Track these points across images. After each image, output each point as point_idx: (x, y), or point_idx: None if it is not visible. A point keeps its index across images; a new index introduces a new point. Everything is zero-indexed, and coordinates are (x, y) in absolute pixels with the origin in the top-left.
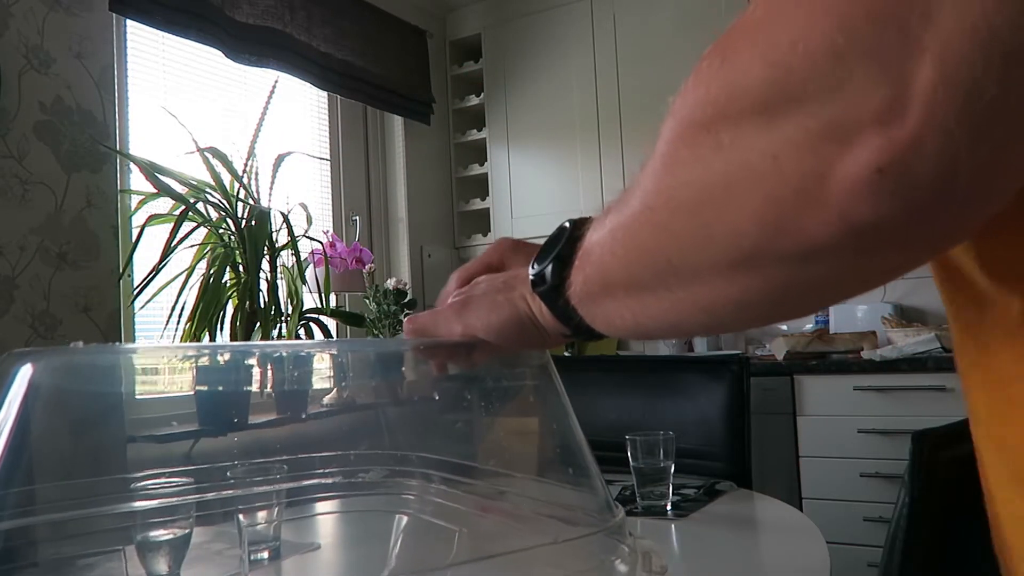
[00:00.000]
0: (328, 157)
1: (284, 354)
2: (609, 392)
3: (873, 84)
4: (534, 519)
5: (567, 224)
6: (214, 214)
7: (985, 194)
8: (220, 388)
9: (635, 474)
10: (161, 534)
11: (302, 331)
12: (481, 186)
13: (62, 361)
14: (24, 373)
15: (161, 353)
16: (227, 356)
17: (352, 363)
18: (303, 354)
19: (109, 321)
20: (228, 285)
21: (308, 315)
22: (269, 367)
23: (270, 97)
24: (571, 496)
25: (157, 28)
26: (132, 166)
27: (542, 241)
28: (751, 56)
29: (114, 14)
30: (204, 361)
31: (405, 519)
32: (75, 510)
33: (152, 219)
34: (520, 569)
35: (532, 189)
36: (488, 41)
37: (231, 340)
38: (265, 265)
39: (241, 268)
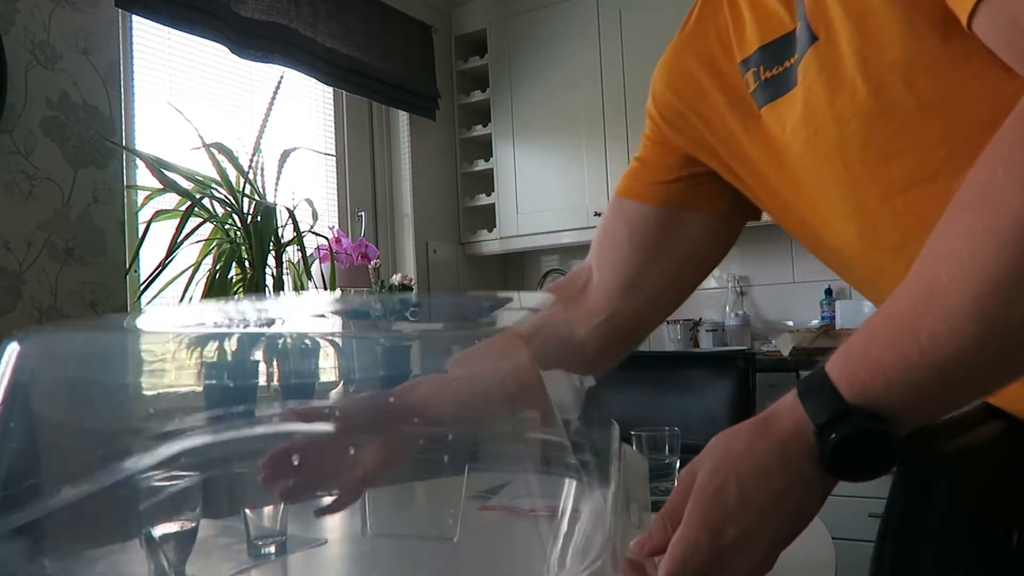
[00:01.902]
0: (334, 153)
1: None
2: (615, 387)
3: None
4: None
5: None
6: (220, 210)
7: None
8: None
9: None
10: (167, 528)
11: None
12: (486, 182)
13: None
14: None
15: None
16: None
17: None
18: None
19: None
20: (234, 280)
21: None
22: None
23: (275, 93)
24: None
25: (163, 24)
26: (138, 162)
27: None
28: None
29: (120, 10)
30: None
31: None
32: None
33: (158, 215)
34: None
35: (537, 185)
36: (493, 36)
37: None
38: (271, 260)
39: (247, 263)
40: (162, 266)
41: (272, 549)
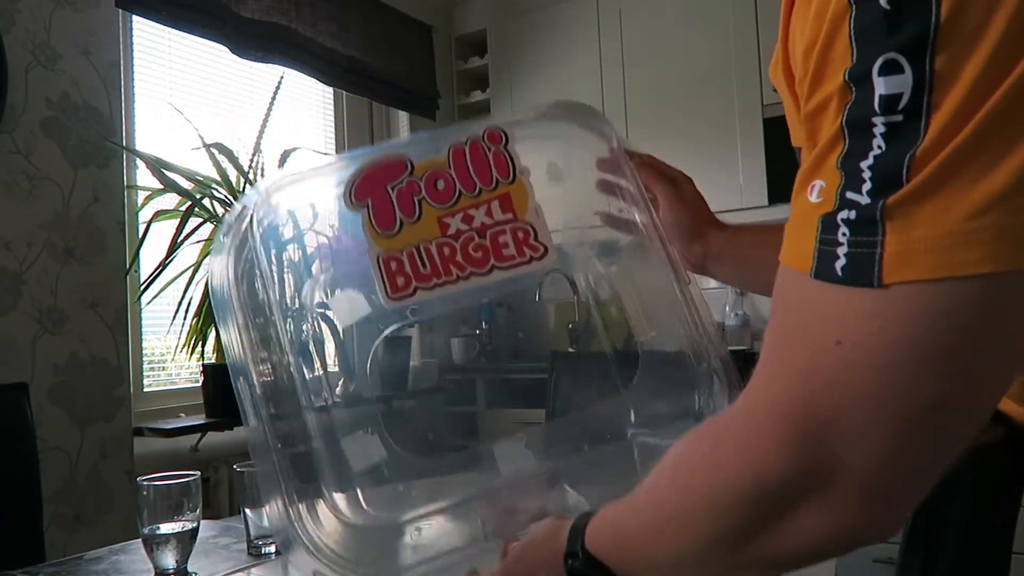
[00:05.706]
0: (334, 153)
1: None
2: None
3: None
4: None
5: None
6: (220, 210)
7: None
8: None
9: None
10: (169, 527)
11: None
12: None
13: None
14: None
15: None
16: None
17: None
18: None
19: (116, 316)
20: None
21: (315, 309)
22: None
23: (275, 93)
24: None
25: (163, 24)
26: (139, 162)
27: None
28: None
29: (120, 10)
30: None
31: None
32: None
33: (159, 215)
34: None
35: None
36: (494, 36)
37: None
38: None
39: None
40: (162, 266)
41: (273, 548)
